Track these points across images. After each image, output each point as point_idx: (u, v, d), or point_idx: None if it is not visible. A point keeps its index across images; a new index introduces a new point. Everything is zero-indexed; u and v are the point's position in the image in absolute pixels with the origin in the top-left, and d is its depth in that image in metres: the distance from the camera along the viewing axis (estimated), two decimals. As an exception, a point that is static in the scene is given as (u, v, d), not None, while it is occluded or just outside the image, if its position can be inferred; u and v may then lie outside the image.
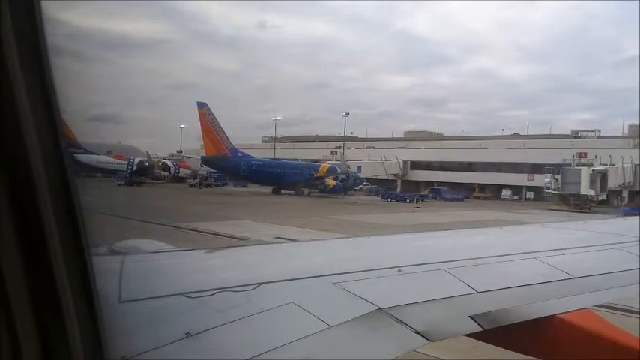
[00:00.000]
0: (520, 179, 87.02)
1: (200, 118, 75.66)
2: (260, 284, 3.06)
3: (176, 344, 2.28)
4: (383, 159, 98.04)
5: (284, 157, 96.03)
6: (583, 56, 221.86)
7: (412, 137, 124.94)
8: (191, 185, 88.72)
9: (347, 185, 79.65)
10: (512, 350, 3.85)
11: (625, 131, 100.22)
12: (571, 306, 3.72)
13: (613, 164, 73.19)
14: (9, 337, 1.41)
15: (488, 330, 3.21)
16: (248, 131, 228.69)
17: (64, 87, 1.55)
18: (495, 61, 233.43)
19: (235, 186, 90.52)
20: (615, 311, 8.36)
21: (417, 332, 2.89)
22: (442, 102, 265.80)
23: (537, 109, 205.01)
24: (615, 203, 73.53)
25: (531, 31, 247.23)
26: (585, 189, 66.09)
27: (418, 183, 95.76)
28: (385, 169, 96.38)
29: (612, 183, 71.12)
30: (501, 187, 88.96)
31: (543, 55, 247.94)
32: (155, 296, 2.74)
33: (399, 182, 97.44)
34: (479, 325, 3.18)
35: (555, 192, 69.72)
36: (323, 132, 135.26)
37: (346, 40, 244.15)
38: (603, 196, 69.34)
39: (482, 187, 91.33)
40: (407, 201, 70.98)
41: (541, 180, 74.42)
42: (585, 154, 74.93)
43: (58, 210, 1.50)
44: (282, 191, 78.40)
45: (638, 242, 5.10)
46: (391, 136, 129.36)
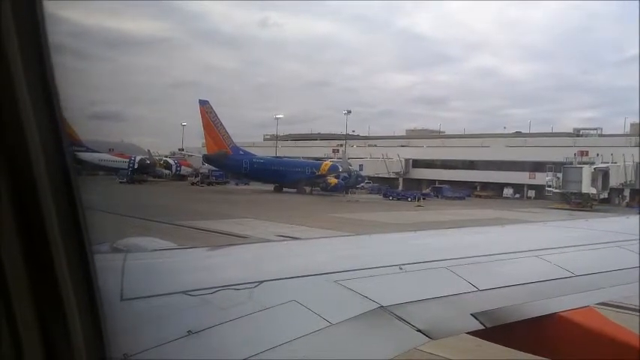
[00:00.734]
0: (522, 177, 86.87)
1: (202, 116, 75.64)
2: (262, 282, 3.06)
3: (178, 342, 2.29)
4: (385, 157, 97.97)
5: (286, 155, 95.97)
6: (585, 55, 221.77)
7: (414, 135, 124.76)
8: (193, 183, 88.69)
9: (349, 183, 79.56)
10: (513, 348, 3.84)
11: (627, 129, 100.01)
12: (573, 304, 3.71)
13: (615, 162, 73.04)
14: (11, 335, 1.41)
15: (489, 328, 3.21)
16: (250, 129, 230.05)
17: (66, 85, 1.55)
18: (497, 60, 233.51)
19: (237, 184, 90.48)
20: (617, 309, 8.35)
21: (419, 330, 2.89)
22: (444, 100, 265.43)
23: (539, 108, 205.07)
24: (617, 201, 73.51)
25: (533, 30, 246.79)
26: (587, 187, 65.92)
27: (420, 181, 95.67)
28: (387, 168, 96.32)
29: (614, 181, 70.99)
30: (503, 186, 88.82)
31: (545, 54, 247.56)
32: (157, 294, 2.74)
33: (401, 180, 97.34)
34: (480, 324, 3.18)
35: (557, 190, 69.56)
36: (325, 130, 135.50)
37: (348, 39, 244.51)
38: (605, 195, 69.22)
39: (483, 186, 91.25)
40: (408, 199, 70.87)
41: (543, 178, 74.23)
42: (587, 153, 74.76)
43: (60, 208, 1.50)
44: (283, 189, 78.39)
45: (639, 240, 5.09)
46: (393, 135, 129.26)
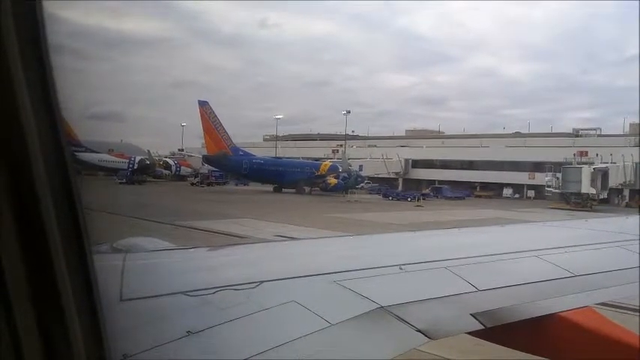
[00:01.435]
0: (521, 177, 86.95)
1: (201, 117, 75.65)
2: (261, 282, 3.06)
3: (177, 343, 2.28)
4: (384, 157, 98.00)
5: (285, 156, 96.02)
6: (584, 55, 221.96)
7: (413, 136, 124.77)
8: (192, 183, 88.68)
9: (348, 184, 79.55)
10: (513, 348, 3.84)
11: (626, 129, 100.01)
12: (572, 304, 3.72)
13: (614, 162, 73.10)
14: (10, 336, 1.41)
15: (489, 328, 3.21)
16: (249, 129, 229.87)
17: (65, 85, 1.54)
18: (496, 60, 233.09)
19: (237, 184, 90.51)
20: (616, 309, 8.35)
21: (419, 330, 2.89)
22: (443, 100, 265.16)
23: (538, 108, 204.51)
24: (616, 202, 73.55)
25: (533, 30, 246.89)
26: (586, 187, 65.95)
27: (419, 181, 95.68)
28: (386, 168, 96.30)
29: (613, 181, 71.03)
30: (503, 186, 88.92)
31: (544, 54, 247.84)
32: (156, 295, 2.74)
33: (401, 181, 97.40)
34: (480, 324, 3.18)
35: (556, 190, 69.60)
36: (324, 130, 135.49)
37: (347, 39, 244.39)
38: (604, 195, 69.26)
39: (483, 186, 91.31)
40: (408, 199, 70.89)
41: (542, 178, 74.32)
42: (586, 153, 74.91)
43: (59, 208, 1.50)
44: (283, 189, 78.40)
45: (639, 240, 5.10)
46: (392, 135, 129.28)
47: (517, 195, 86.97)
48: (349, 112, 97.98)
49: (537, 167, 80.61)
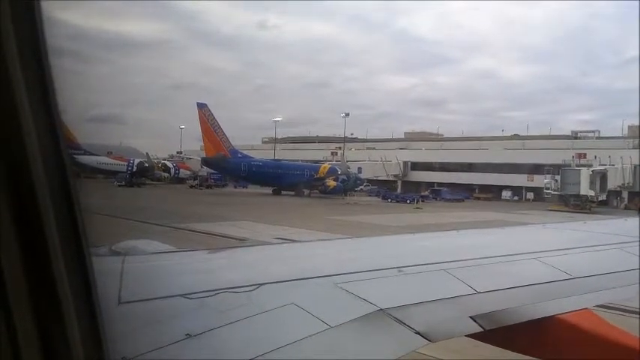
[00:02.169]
0: (520, 180, 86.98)
1: (200, 119, 75.66)
2: (260, 285, 3.06)
3: (176, 345, 2.28)
4: (383, 160, 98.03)
5: (284, 158, 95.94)
6: (583, 57, 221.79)
7: (412, 138, 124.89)
8: (191, 186, 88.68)
9: (347, 186, 79.61)
10: (512, 351, 3.85)
11: (625, 132, 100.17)
12: (571, 306, 3.72)
13: (612, 165, 73.21)
14: (9, 339, 1.40)
15: (488, 330, 3.21)
16: (248, 132, 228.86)
17: (64, 87, 1.54)
18: (495, 62, 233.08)
19: (235, 187, 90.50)
20: (615, 311, 8.35)
21: (418, 333, 2.89)
22: (442, 103, 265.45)
23: (537, 110, 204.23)
24: (615, 204, 73.61)
25: (532, 31, 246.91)
26: (585, 189, 66.06)
27: (418, 183, 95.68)
28: (385, 170, 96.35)
29: (612, 183, 71.10)
30: (502, 188, 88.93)
31: (544, 56, 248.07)
32: (155, 297, 2.74)
33: (400, 183, 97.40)
34: (479, 326, 3.18)
35: (555, 192, 69.70)
36: (323, 133, 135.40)
37: (346, 40, 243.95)
38: (603, 197, 69.34)
39: (482, 188, 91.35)
40: (407, 202, 70.95)
41: (541, 180, 74.42)
42: (585, 155, 75.02)
43: (58, 211, 1.49)
44: (282, 192, 78.37)
45: (637, 242, 5.10)
46: (391, 137, 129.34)
47: (516, 197, 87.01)
48: (348, 115, 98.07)
49: (536, 169, 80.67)
